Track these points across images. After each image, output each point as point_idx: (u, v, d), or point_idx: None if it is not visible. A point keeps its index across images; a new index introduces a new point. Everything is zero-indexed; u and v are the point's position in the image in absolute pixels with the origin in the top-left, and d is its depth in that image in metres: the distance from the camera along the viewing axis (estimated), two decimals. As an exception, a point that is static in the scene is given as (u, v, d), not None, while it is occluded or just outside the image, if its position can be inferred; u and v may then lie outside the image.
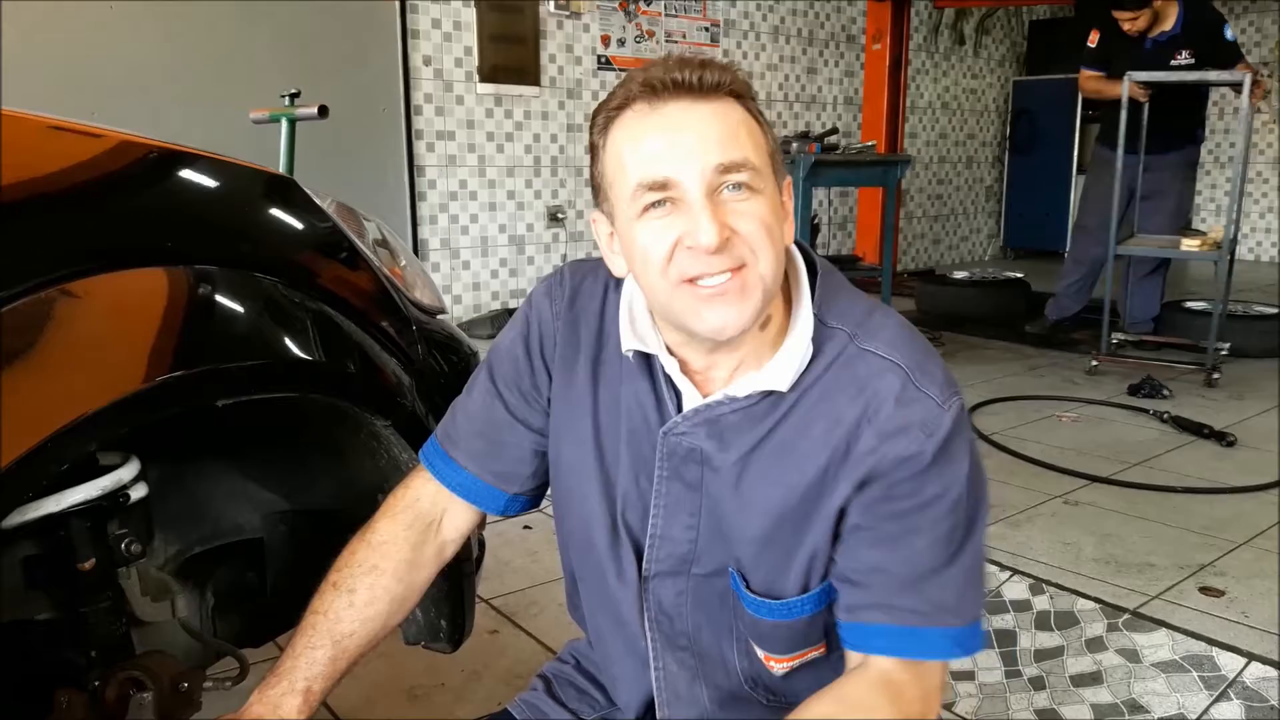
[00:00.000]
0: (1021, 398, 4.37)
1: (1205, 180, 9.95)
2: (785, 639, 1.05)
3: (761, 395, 0.99)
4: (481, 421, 1.15)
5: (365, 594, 1.11)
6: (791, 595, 1.02)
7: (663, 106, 0.93)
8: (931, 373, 0.98)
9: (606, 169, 0.97)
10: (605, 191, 0.98)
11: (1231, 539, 2.78)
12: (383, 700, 1.98)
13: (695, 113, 0.92)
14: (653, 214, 0.93)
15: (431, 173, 5.68)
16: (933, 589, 0.98)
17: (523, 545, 2.75)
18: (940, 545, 0.97)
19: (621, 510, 1.07)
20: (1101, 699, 2.01)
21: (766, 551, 1.01)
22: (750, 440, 0.99)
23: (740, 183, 0.92)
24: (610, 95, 0.97)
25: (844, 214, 8.11)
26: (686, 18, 6.73)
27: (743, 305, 0.93)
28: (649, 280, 0.96)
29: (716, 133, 0.92)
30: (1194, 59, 5.09)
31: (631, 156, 0.93)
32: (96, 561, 1.18)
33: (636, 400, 1.05)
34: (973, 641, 1.00)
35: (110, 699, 1.17)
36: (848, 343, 0.99)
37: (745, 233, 0.92)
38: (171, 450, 1.34)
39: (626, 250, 0.99)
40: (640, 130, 0.93)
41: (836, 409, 0.97)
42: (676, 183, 0.91)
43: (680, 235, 0.92)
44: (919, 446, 0.94)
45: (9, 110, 1.07)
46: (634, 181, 0.93)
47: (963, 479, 0.97)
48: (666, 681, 1.12)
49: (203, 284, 1.11)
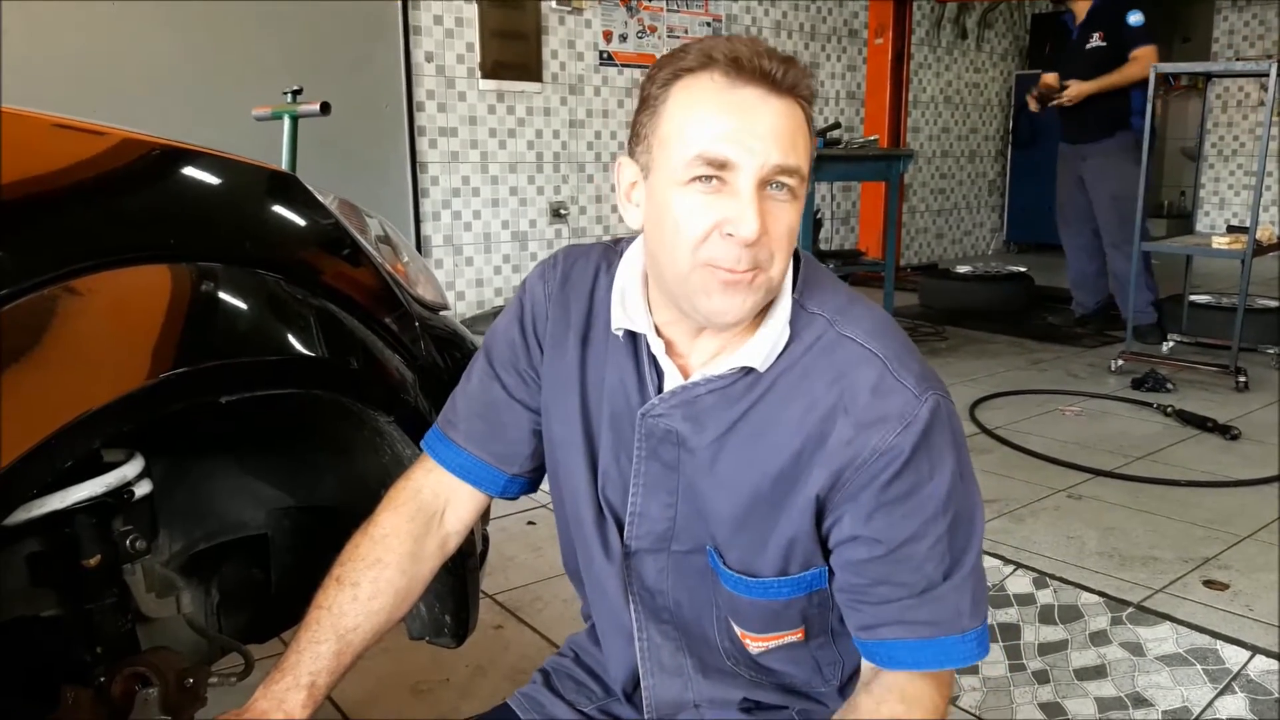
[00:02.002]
0: (1025, 392, 4.36)
1: (1209, 173, 9.94)
2: (761, 618, 1.06)
3: (738, 375, 0.99)
4: (480, 403, 1.17)
5: (369, 587, 1.11)
6: (768, 576, 1.02)
7: (742, 87, 0.92)
8: (909, 365, 0.98)
9: (661, 124, 0.96)
10: (649, 143, 0.97)
11: (1236, 532, 2.78)
12: (387, 695, 1.99)
13: (770, 105, 0.92)
14: (699, 187, 0.93)
15: (434, 169, 5.68)
16: (944, 597, 0.98)
17: (526, 541, 2.76)
18: (942, 550, 0.97)
19: (602, 487, 1.09)
20: (1105, 692, 2.01)
21: (741, 532, 1.02)
22: (726, 421, 1.00)
23: (786, 184, 0.93)
24: (682, 51, 0.96)
25: (847, 209, 8.10)
26: (688, 13, 6.72)
27: (749, 296, 0.95)
28: (671, 250, 0.96)
29: (784, 132, 0.92)
30: (1104, 42, 5.17)
31: (697, 124, 0.93)
32: (102, 558, 1.18)
33: (620, 380, 1.06)
34: (985, 638, 1.01)
35: (116, 695, 1.17)
36: (827, 328, 1.00)
37: (774, 234, 0.93)
38: (176, 447, 1.35)
39: (654, 209, 0.98)
40: (715, 103, 0.93)
41: (813, 392, 0.97)
42: (735, 166, 0.91)
43: (720, 220, 0.92)
44: (896, 439, 0.94)
45: (12, 108, 1.07)
46: (694, 151, 0.92)
47: (948, 475, 0.96)
48: (650, 653, 1.13)
49: (206, 281, 1.11)
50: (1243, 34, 9.83)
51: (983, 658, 1.01)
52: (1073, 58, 5.32)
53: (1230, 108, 9.81)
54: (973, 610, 0.99)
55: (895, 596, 0.98)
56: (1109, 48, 5.14)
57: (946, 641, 0.98)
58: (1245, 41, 9.81)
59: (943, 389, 0.98)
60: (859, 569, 0.99)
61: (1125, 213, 5.04)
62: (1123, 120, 5.21)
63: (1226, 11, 9.88)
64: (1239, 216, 9.57)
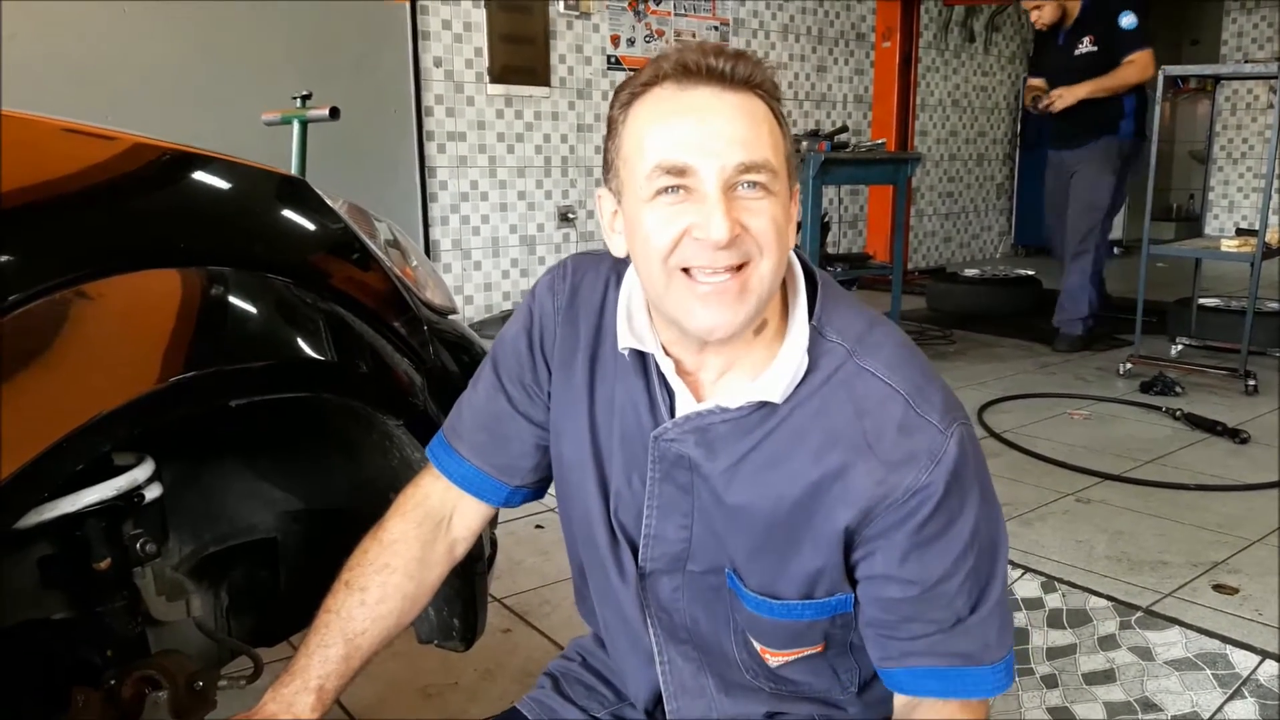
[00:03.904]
0: (1033, 395, 4.35)
1: (1218, 176, 9.91)
2: (783, 636, 1.05)
3: (754, 407, 0.97)
4: (485, 415, 1.16)
5: (377, 592, 1.11)
6: (792, 599, 1.01)
7: (692, 90, 0.90)
8: (931, 398, 0.96)
9: (623, 145, 0.95)
10: (617, 168, 0.97)
11: (1245, 536, 2.77)
12: (396, 699, 1.99)
13: (723, 102, 0.90)
14: (664, 199, 0.91)
15: (442, 174, 5.70)
16: (972, 630, 0.98)
17: (534, 544, 2.76)
18: (971, 584, 0.97)
19: (615, 509, 1.08)
20: (1114, 697, 2.00)
21: (759, 558, 1.01)
22: (739, 451, 0.98)
23: (757, 182, 0.91)
24: (638, 72, 0.95)
25: (854, 212, 8.09)
26: (696, 17, 6.73)
27: (738, 308, 0.92)
28: (647, 266, 0.94)
29: (742, 128, 0.90)
30: (1095, 46, 4.99)
31: (652, 137, 0.91)
32: (112, 561, 1.18)
33: (630, 400, 1.04)
34: (1012, 667, 1.02)
35: (126, 697, 1.18)
36: (846, 359, 0.97)
37: (755, 230, 0.91)
38: (186, 450, 1.35)
39: (629, 231, 0.97)
40: (665, 111, 0.91)
41: (832, 427, 0.95)
42: (695, 171, 0.89)
43: (689, 225, 0.90)
44: (929, 477, 0.93)
45: (23, 113, 1.08)
46: (651, 162, 0.91)
47: (976, 505, 0.96)
48: (673, 674, 1.12)
49: (215, 285, 1.12)
50: (1251, 36, 9.81)
51: (1009, 687, 1.02)
52: (1061, 63, 5.14)
53: (1239, 110, 9.79)
54: (999, 640, 1.00)
55: (925, 632, 0.98)
56: (1100, 52, 4.98)
57: (976, 671, 0.99)
58: (1254, 44, 9.78)
59: (963, 415, 0.97)
60: (889, 607, 0.99)
61: (1095, 221, 5.06)
62: (1111, 126, 5.07)
63: (1235, 14, 9.86)
64: (1248, 219, 9.55)
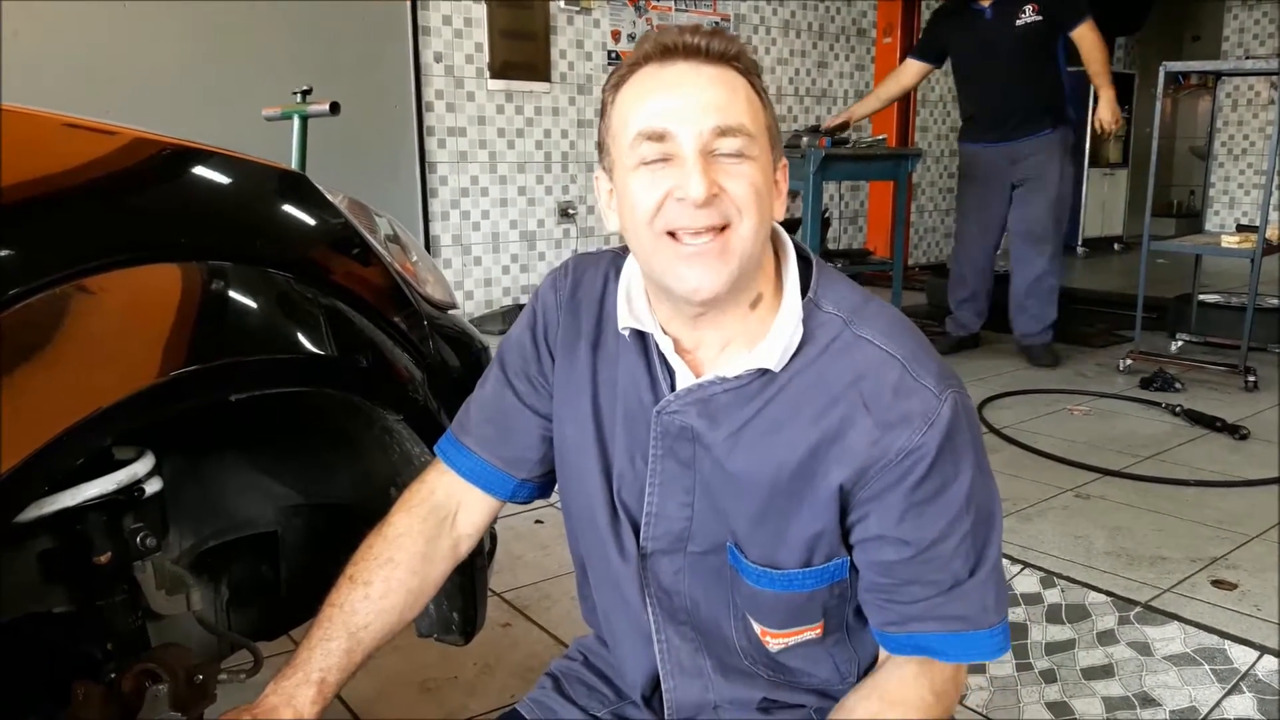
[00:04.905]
0: (1033, 391, 4.36)
1: (1219, 172, 9.91)
2: (783, 612, 1.06)
3: (753, 375, 1.00)
4: (493, 409, 1.19)
5: (380, 586, 1.12)
6: (791, 568, 1.03)
7: (671, 66, 0.96)
8: (926, 364, 0.99)
9: (612, 124, 1.00)
10: (608, 147, 1.02)
11: (1244, 532, 2.77)
12: (396, 693, 2.00)
13: (699, 74, 0.96)
14: (647, 168, 0.96)
15: (443, 169, 5.69)
16: (971, 593, 1.00)
17: (534, 539, 2.76)
18: (968, 547, 0.99)
19: (618, 489, 1.09)
20: (1113, 692, 2.01)
21: (761, 526, 1.02)
22: (741, 418, 1.01)
23: (736, 148, 0.95)
24: (624, 59, 1.01)
25: (855, 208, 8.09)
26: (697, 12, 6.73)
27: (720, 268, 0.95)
28: (635, 232, 0.99)
29: (717, 95, 0.95)
30: (1040, 15, 4.46)
31: (635, 111, 0.97)
32: (112, 555, 1.19)
33: (632, 380, 1.07)
34: (1008, 634, 1.03)
35: (126, 691, 1.18)
36: (843, 328, 1.01)
37: (733, 192, 0.94)
38: (186, 445, 1.35)
39: (620, 203, 1.01)
40: (646, 86, 0.97)
41: (830, 392, 0.98)
42: (673, 136, 0.94)
43: (671, 188, 0.94)
44: (922, 438, 0.95)
45: (24, 108, 1.08)
46: (633, 131, 0.96)
47: (970, 471, 0.98)
48: (670, 655, 1.13)
49: (216, 280, 1.12)
50: (1253, 32, 9.80)
51: (1006, 652, 1.03)
52: (992, 36, 4.53)
53: (1240, 106, 9.79)
54: (996, 605, 1.01)
55: (924, 595, 1.00)
56: (1045, 22, 4.44)
57: (975, 635, 1.00)
58: (1255, 40, 9.78)
59: (959, 384, 1.00)
60: (887, 569, 1.00)
61: (1060, 215, 4.69)
62: (1061, 112, 4.64)
63: (1236, 10, 9.85)
64: (1249, 215, 9.56)
